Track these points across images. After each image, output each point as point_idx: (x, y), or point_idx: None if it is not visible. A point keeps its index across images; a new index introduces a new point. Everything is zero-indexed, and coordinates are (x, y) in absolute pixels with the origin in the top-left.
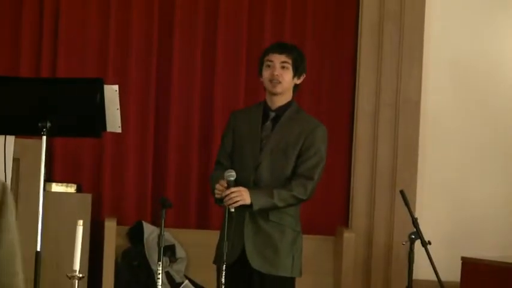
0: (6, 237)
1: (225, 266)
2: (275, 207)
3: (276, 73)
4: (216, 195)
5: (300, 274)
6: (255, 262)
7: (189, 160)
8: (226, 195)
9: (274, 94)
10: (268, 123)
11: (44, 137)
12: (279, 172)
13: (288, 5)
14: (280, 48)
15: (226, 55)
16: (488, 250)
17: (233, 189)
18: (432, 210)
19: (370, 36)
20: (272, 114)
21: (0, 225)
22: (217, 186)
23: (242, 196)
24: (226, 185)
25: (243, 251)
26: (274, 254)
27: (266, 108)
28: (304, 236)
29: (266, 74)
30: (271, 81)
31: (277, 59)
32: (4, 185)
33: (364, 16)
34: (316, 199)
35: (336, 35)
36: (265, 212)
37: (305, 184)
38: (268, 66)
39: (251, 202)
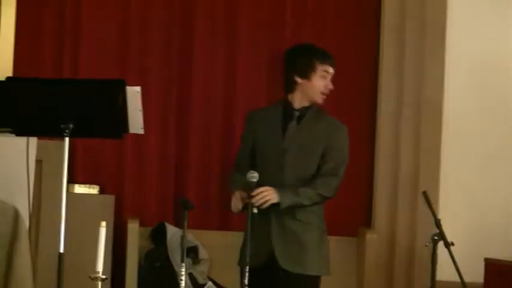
0: (19, 262)
1: (251, 269)
2: (301, 206)
3: (330, 87)
4: (233, 209)
5: (328, 272)
6: (285, 262)
7: (211, 161)
8: (255, 195)
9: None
10: (293, 122)
11: (67, 139)
12: (303, 172)
13: (309, 4)
14: (333, 61)
15: (247, 54)
16: (511, 251)
17: (261, 188)
18: (455, 211)
19: (391, 36)
20: (296, 114)
21: (13, 251)
22: (234, 200)
23: (271, 195)
24: (243, 195)
25: (271, 252)
26: (302, 253)
27: (288, 108)
28: None
29: (320, 83)
30: (322, 92)
31: (331, 72)
32: (17, 211)
33: (386, 16)
34: (339, 200)
35: (357, 35)
36: (291, 212)
37: (329, 181)
38: (324, 77)
39: (279, 201)
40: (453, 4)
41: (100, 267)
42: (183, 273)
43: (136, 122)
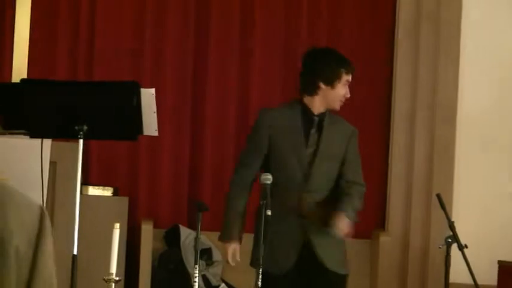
0: (44, 270)
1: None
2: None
3: (348, 96)
4: (231, 263)
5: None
6: (329, 262)
7: (225, 163)
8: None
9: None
10: (314, 129)
11: (81, 140)
12: (328, 178)
13: (324, 6)
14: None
15: (262, 56)
16: None
17: (339, 225)
18: (469, 214)
19: (406, 37)
20: (316, 119)
21: (37, 256)
22: (230, 253)
23: (346, 224)
24: (237, 251)
25: (299, 257)
26: (338, 253)
27: (308, 112)
28: None
29: (342, 91)
30: (341, 100)
31: (350, 80)
32: (42, 209)
33: (401, 17)
34: None
35: (372, 36)
36: (323, 219)
37: (362, 193)
38: (345, 85)
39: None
40: (468, 5)
41: (113, 269)
42: (197, 275)
43: (150, 124)
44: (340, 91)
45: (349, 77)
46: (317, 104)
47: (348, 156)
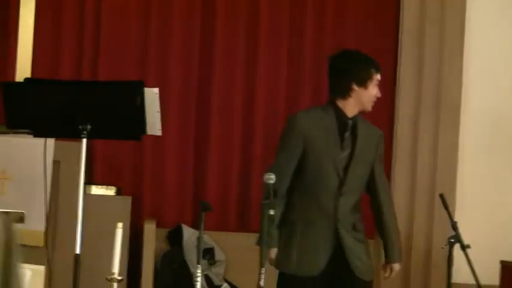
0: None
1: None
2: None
3: (379, 95)
4: (271, 264)
5: None
6: (359, 269)
7: (230, 163)
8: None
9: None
10: (348, 133)
11: (84, 140)
12: (361, 181)
13: (328, 9)
14: None
15: (267, 57)
16: None
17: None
18: (472, 214)
19: (410, 40)
20: (350, 122)
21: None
22: (271, 257)
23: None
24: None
25: (329, 261)
26: (366, 259)
27: (342, 116)
28: None
29: (374, 91)
30: (373, 101)
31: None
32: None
33: (405, 20)
34: None
35: (376, 39)
36: (353, 223)
37: (394, 210)
38: (376, 85)
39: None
40: (472, 8)
41: (116, 268)
42: (199, 274)
43: (154, 124)
44: (373, 91)
45: (379, 76)
46: (351, 107)
47: (377, 159)
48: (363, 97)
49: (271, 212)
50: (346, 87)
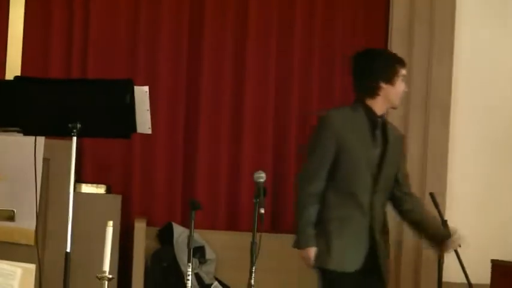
0: None
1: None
2: None
3: (406, 90)
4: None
5: None
6: (386, 274)
7: (219, 161)
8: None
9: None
10: (378, 131)
11: (74, 138)
12: (391, 179)
13: (318, 9)
14: None
15: (256, 55)
16: None
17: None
18: (462, 213)
19: (400, 39)
20: (379, 121)
21: None
22: (311, 255)
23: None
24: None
25: (365, 260)
26: (388, 263)
27: (372, 115)
28: None
29: (401, 87)
30: (401, 97)
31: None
32: None
33: (394, 18)
34: None
35: (366, 39)
36: (384, 223)
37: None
38: (403, 80)
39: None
40: (461, 6)
41: (107, 266)
42: (190, 273)
43: (144, 122)
44: (400, 87)
45: (405, 71)
46: (379, 105)
47: (402, 159)
48: (391, 94)
49: (262, 211)
50: (373, 86)
